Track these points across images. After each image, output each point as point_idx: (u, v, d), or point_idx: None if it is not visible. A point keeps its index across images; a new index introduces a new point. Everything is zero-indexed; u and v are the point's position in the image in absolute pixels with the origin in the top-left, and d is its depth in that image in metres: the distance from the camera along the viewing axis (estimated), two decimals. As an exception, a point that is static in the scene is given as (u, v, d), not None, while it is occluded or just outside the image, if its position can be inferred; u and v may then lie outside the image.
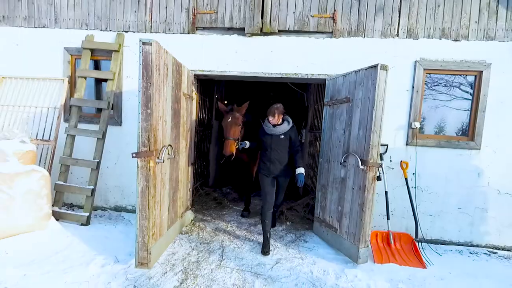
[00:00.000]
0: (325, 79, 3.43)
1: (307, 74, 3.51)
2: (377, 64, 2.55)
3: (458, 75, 3.38)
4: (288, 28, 3.50)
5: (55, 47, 3.80)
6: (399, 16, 3.38)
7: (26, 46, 3.84)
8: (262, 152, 3.11)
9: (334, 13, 3.42)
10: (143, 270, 2.47)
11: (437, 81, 3.45)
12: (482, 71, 3.27)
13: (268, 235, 3.00)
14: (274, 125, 2.98)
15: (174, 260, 2.72)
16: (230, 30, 3.59)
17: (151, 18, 3.65)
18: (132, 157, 2.30)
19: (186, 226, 3.54)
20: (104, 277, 2.38)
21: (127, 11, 3.68)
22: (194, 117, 3.78)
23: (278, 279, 2.51)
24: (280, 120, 3.00)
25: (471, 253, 3.27)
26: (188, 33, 3.62)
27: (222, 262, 2.75)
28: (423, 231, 3.35)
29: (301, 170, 2.93)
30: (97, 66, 3.98)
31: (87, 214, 3.40)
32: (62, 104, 3.72)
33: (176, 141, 2.97)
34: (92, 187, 3.45)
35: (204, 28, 3.62)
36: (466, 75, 3.37)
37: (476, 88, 3.33)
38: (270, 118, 2.96)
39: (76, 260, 2.61)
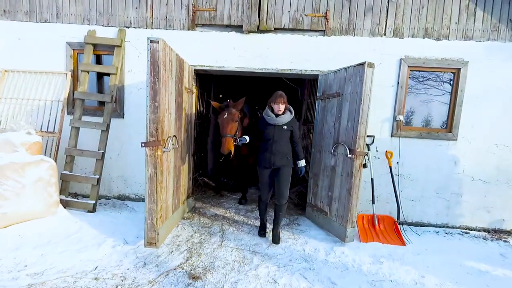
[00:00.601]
0: (318, 75, 3.68)
1: (301, 70, 3.75)
2: (365, 62, 2.81)
3: (438, 72, 3.68)
4: (284, 26, 3.71)
5: (57, 42, 3.91)
6: (387, 17, 3.63)
7: (28, 40, 3.93)
8: (263, 144, 2.97)
9: (326, 13, 3.65)
10: (152, 249, 2.71)
11: (420, 78, 3.74)
12: (460, 68, 3.57)
13: (265, 221, 3.25)
14: (277, 115, 2.86)
15: (178, 241, 2.97)
16: (228, 27, 3.78)
17: (152, 15, 3.80)
18: (141, 146, 2.50)
19: (187, 213, 3.78)
20: (116, 256, 2.61)
21: (128, 7, 3.81)
22: (193, 110, 3.98)
23: (274, 256, 2.79)
24: (283, 109, 2.87)
25: (446, 233, 3.63)
26: (188, 30, 3.79)
27: (223, 242, 3.02)
28: (405, 215, 3.70)
29: (303, 162, 2.98)
30: (98, 61, 4.10)
31: (93, 201, 3.60)
32: (65, 97, 3.85)
33: (179, 132, 3.18)
34: (97, 176, 3.64)
35: (203, 25, 3.79)
36: (446, 72, 3.67)
37: (454, 84, 3.64)
38: (275, 107, 2.83)
39: (88, 242, 2.83)
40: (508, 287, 2.46)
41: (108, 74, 3.89)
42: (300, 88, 5.79)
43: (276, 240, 3.01)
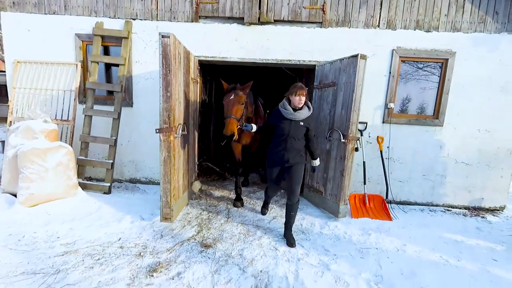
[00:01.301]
0: (315, 65, 3.92)
1: (299, 61, 3.98)
2: (358, 54, 3.05)
3: (428, 62, 3.93)
4: (283, 18, 3.90)
5: (66, 33, 4.07)
6: (380, 9, 3.83)
7: (37, 31, 4.10)
8: (275, 139, 2.77)
9: (323, 5, 3.84)
10: (167, 223, 3.05)
11: (410, 68, 3.99)
12: (448, 58, 3.82)
13: (268, 205, 3.54)
14: (295, 109, 2.65)
15: (189, 218, 3.32)
16: (230, 19, 3.96)
17: (157, 7, 3.96)
18: (156, 132, 2.78)
19: (195, 194, 4.12)
20: (135, 229, 2.95)
21: (134, 0, 3.96)
22: (198, 99, 4.23)
23: (275, 229, 3.15)
24: (303, 102, 2.63)
25: (430, 210, 4.01)
26: (192, 22, 3.97)
27: (229, 219, 3.37)
28: (393, 195, 4.06)
29: (317, 162, 2.93)
30: (106, 52, 4.29)
31: (109, 184, 3.91)
32: (77, 87, 4.08)
33: (187, 119, 3.45)
34: (111, 161, 3.93)
35: (206, 17, 3.97)
36: (435, 62, 3.92)
37: (442, 73, 3.90)
38: (295, 99, 2.59)
39: (109, 219, 3.16)
40: (478, 253, 2.84)
41: (116, 65, 4.10)
42: (298, 77, 6.00)
43: (292, 242, 2.75)
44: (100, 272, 2.22)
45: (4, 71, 14.74)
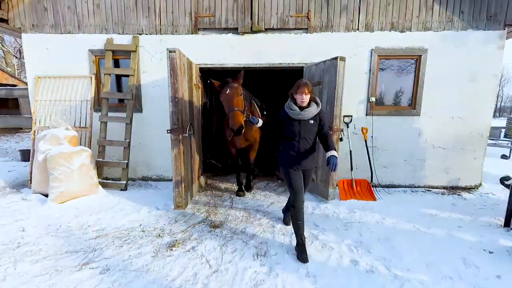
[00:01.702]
0: (303, 67, 4.39)
1: (288, 64, 4.45)
2: (337, 57, 3.53)
3: (403, 59, 4.39)
4: (273, 26, 4.38)
5: (81, 49, 4.58)
6: (359, 14, 4.29)
7: (55, 49, 4.60)
8: (286, 142, 2.55)
9: (308, 13, 4.31)
10: (179, 211, 3.55)
11: (388, 64, 4.45)
12: (421, 55, 4.28)
13: (303, 240, 2.56)
14: (301, 108, 2.44)
15: (198, 206, 3.81)
16: (226, 30, 4.44)
17: (160, 22, 4.45)
18: (167, 132, 3.27)
19: (201, 187, 4.61)
20: (152, 217, 3.45)
21: (139, 17, 4.45)
22: (200, 102, 4.71)
23: (272, 212, 3.63)
24: (308, 100, 2.42)
25: (412, 191, 4.47)
26: (192, 34, 4.46)
27: (233, 205, 3.85)
28: (379, 179, 4.52)
29: (334, 152, 2.41)
30: (116, 64, 4.79)
31: (125, 182, 4.41)
32: (92, 97, 4.58)
33: (192, 121, 3.94)
34: (126, 161, 4.43)
35: (204, 29, 4.46)
36: (410, 59, 4.38)
37: (416, 68, 4.36)
38: (298, 98, 2.41)
39: (129, 210, 3.65)
40: (448, 223, 3.30)
41: (126, 75, 4.60)
42: (289, 78, 6.48)
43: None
44: (129, 249, 2.71)
45: (11, 85, 15.37)
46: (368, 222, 3.29)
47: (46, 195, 3.84)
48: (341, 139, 3.78)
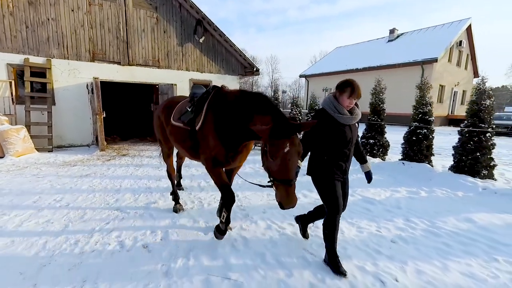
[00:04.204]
0: (157, 84, 9.16)
1: (151, 83, 9.07)
2: (172, 83, 8.63)
3: (204, 85, 10.22)
4: (141, 63, 8.80)
5: (0, 63, 6.88)
6: (182, 61, 9.60)
7: (-28, 60, 6.60)
8: (336, 152, 2.16)
9: (158, 59, 9.10)
10: (103, 152, 7.41)
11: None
12: (212, 81, 10.26)
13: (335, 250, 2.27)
14: (351, 111, 2.15)
15: (110, 151, 7.76)
16: (112, 62, 8.35)
17: (68, 52, 7.65)
18: (94, 114, 7.07)
19: (107, 149, 8.35)
20: (88, 155, 7.13)
21: (51, 47, 7.42)
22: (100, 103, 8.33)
23: (150, 149, 8.30)
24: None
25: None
26: (91, 62, 8.00)
27: (130, 150, 8.14)
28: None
29: (370, 165, 2.37)
30: (36, 75, 7.35)
31: (51, 146, 7.38)
32: (13, 94, 7.05)
33: (101, 110, 7.72)
34: (51, 134, 7.39)
35: (99, 60, 8.13)
36: (205, 84, 10.27)
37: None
38: (347, 102, 2.08)
39: (69, 156, 7.05)
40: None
41: (45, 83, 7.41)
42: (151, 91, 10.94)
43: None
44: (89, 164, 6.55)
45: None
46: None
47: (1, 157, 6.38)
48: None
